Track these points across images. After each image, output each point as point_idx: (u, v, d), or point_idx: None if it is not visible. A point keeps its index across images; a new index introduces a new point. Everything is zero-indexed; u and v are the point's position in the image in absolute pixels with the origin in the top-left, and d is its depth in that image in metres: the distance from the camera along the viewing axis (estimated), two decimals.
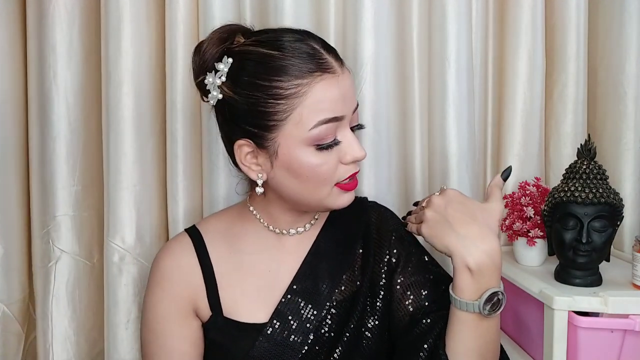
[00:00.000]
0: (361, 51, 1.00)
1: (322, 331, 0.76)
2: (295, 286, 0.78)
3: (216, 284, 0.78)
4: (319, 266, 0.79)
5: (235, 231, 0.81)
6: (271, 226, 0.80)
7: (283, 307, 0.76)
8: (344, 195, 0.74)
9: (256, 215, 0.81)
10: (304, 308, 0.77)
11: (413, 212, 0.82)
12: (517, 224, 0.99)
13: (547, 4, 1.14)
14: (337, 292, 0.78)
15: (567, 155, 1.15)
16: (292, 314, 0.76)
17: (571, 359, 0.84)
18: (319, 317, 0.76)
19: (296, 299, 0.77)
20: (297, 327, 0.76)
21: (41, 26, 0.96)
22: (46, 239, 0.98)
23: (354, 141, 0.72)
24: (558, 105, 1.16)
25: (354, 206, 0.77)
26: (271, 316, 0.76)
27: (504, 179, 0.77)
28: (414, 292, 0.78)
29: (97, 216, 1.02)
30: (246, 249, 0.80)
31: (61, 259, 0.98)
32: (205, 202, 1.00)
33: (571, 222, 0.87)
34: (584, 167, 0.89)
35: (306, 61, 0.68)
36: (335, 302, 0.78)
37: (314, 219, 0.82)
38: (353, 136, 0.72)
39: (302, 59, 0.68)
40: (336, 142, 0.70)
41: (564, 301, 0.83)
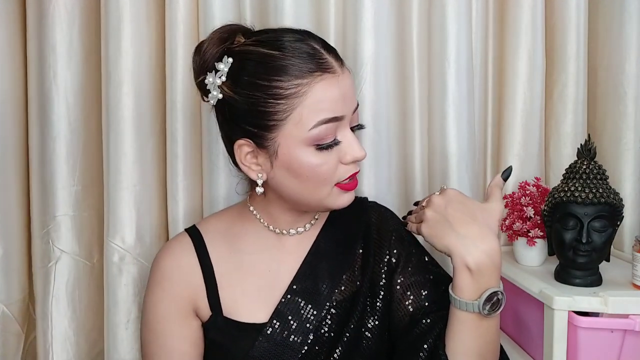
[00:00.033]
0: (361, 51, 1.00)
1: (322, 331, 0.76)
2: (295, 286, 0.78)
3: (216, 283, 0.78)
4: (319, 266, 0.79)
5: (236, 231, 0.81)
6: (271, 226, 0.80)
7: (283, 307, 0.76)
8: (344, 195, 0.74)
9: (256, 215, 0.81)
10: (304, 308, 0.77)
11: (413, 211, 0.82)
12: (517, 224, 0.99)
13: (547, 4, 1.14)
14: (337, 292, 0.78)
15: (567, 155, 1.15)
16: (292, 314, 0.76)
17: (571, 359, 0.84)
18: (319, 317, 0.76)
19: (296, 299, 0.77)
20: (297, 327, 0.76)
21: (41, 26, 0.96)
22: (46, 239, 0.98)
23: (354, 141, 0.72)
24: (558, 105, 1.16)
25: (354, 206, 0.77)
26: (271, 316, 0.76)
27: (504, 179, 0.77)
28: (414, 292, 0.78)
29: (97, 216, 1.02)
30: (246, 249, 0.80)
31: (61, 259, 0.98)
32: (205, 202, 1.00)
33: (571, 222, 0.87)
34: (584, 167, 0.89)
35: (306, 61, 0.68)
36: (335, 302, 0.78)
37: (314, 219, 0.82)
38: (353, 136, 0.72)
39: (302, 59, 0.68)
40: (336, 142, 0.70)
41: (564, 301, 0.83)
